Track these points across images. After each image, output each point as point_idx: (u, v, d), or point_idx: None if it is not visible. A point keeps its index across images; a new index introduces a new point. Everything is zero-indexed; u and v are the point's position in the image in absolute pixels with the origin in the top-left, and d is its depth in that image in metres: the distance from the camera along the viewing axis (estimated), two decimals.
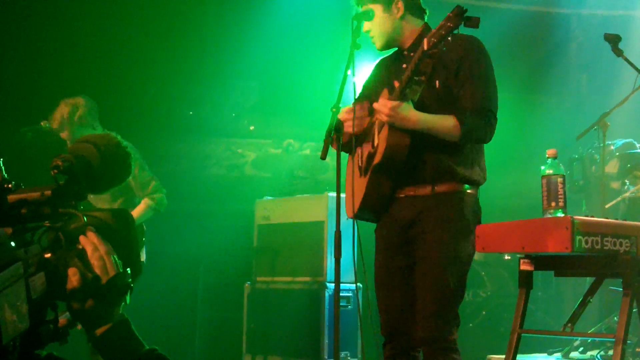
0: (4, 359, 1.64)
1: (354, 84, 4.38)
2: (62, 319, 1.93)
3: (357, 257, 4.27)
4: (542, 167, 3.92)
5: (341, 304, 5.68)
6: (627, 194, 7.14)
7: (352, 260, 4.27)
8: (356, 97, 4.52)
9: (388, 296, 4.37)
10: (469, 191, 4.28)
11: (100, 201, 6.28)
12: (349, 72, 4.32)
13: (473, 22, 3.82)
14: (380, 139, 4.25)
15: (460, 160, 4.26)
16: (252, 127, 10.25)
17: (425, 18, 4.53)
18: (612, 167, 7.52)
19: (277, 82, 9.81)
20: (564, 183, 3.85)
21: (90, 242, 1.92)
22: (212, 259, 8.90)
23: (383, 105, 4.09)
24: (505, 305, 8.32)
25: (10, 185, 1.89)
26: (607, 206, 7.08)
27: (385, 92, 4.29)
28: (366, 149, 4.44)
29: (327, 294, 6.95)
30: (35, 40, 8.40)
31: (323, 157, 4.29)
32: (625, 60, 5.08)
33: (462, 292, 4.27)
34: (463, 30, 3.93)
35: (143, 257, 6.30)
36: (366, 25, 4.43)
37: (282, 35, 9.24)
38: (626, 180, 7.31)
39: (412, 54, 4.29)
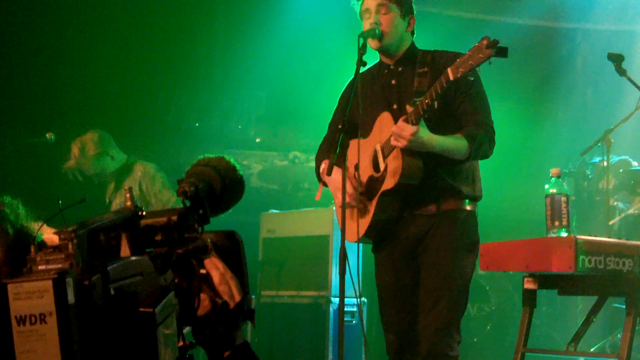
0: None
1: (360, 98, 4.38)
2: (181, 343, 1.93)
3: (357, 272, 4.28)
4: (546, 186, 3.95)
5: (346, 318, 5.70)
6: (632, 211, 7.16)
7: (356, 274, 4.28)
8: (342, 118, 4.49)
9: (394, 315, 4.41)
10: (469, 208, 4.35)
11: None
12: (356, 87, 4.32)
13: (503, 52, 3.82)
14: (390, 164, 4.25)
15: (463, 177, 4.32)
16: (258, 139, 10.27)
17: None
18: (606, 183, 7.56)
19: (283, 94, 9.83)
20: (567, 202, 3.88)
21: (215, 267, 1.92)
22: None
23: (402, 129, 4.08)
24: (510, 320, 8.32)
25: (143, 213, 1.90)
26: (610, 223, 7.11)
27: (386, 115, 4.31)
28: (364, 173, 4.44)
29: (331, 309, 6.95)
30: (44, 52, 8.43)
31: (328, 174, 4.32)
32: (629, 80, 5.09)
33: (465, 307, 4.35)
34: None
35: None
36: (382, 17, 4.40)
37: (289, 47, 9.28)
38: (615, 197, 7.35)
39: (400, 68, 4.35)
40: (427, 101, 4.05)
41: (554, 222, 3.86)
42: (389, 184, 4.26)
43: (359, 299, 4.55)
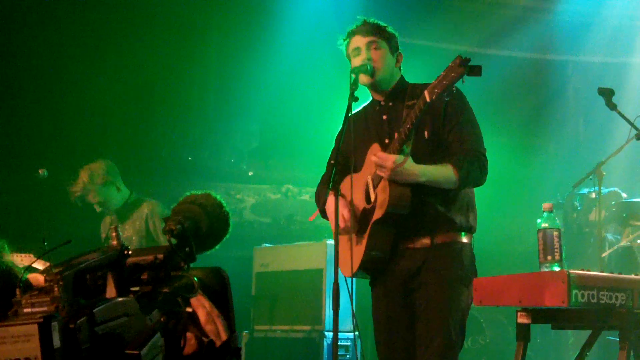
0: None
1: (352, 134, 4.39)
2: None
3: (352, 306, 4.26)
4: (538, 220, 3.94)
5: (340, 353, 5.67)
6: (623, 243, 7.17)
7: (350, 308, 4.27)
8: (335, 154, 4.54)
9: (390, 350, 4.38)
10: (465, 240, 4.33)
11: None
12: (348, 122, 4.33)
13: (476, 71, 3.80)
14: (379, 194, 4.24)
15: (457, 207, 4.30)
16: (250, 173, 10.28)
17: None
18: (596, 215, 7.57)
19: (275, 127, 9.85)
20: (559, 237, 3.86)
21: (201, 305, 1.91)
22: None
23: (385, 159, 4.09)
24: (504, 352, 8.28)
25: (129, 252, 1.89)
26: (603, 255, 7.11)
27: (375, 146, 4.31)
28: (359, 206, 4.43)
29: (325, 343, 6.92)
30: (41, 90, 8.45)
31: (323, 209, 4.33)
32: (619, 114, 5.11)
33: (463, 342, 4.31)
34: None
35: None
36: (373, 54, 4.43)
37: (281, 81, 9.30)
38: (605, 228, 7.36)
39: (390, 103, 4.36)
40: (408, 126, 4.05)
41: (547, 256, 3.84)
42: (378, 214, 4.24)
43: (354, 333, 4.53)
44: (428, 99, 3.93)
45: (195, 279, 1.95)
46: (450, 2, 10.41)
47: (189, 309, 1.91)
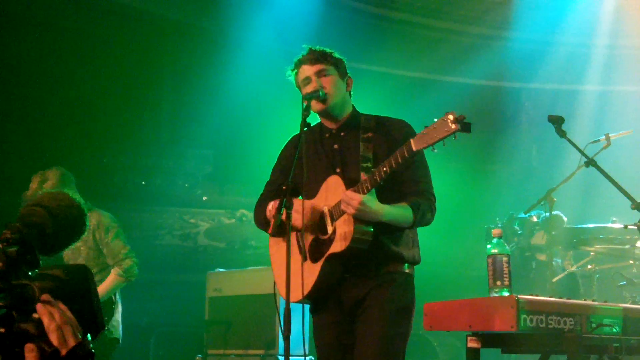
0: None
1: (304, 161, 4.39)
2: None
3: (302, 331, 4.26)
4: (488, 246, 3.98)
5: None
6: (574, 269, 7.24)
7: (303, 332, 4.26)
8: (280, 176, 4.57)
9: None
10: (407, 271, 4.37)
11: None
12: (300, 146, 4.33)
13: (467, 128, 3.80)
14: (340, 228, 4.25)
15: (404, 243, 4.35)
16: (205, 197, 10.26)
17: None
18: (539, 239, 7.63)
19: (229, 153, 9.85)
20: (509, 262, 3.91)
21: (46, 312, 1.82)
22: (164, 331, 8.82)
23: (351, 198, 4.10)
24: None
25: None
26: (554, 280, 7.17)
27: (335, 179, 4.32)
28: (310, 233, 4.43)
29: None
30: None
31: (273, 234, 4.33)
32: (569, 142, 5.18)
33: None
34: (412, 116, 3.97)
35: (119, 332, 6.36)
36: (324, 80, 4.44)
37: (236, 106, 9.30)
38: (548, 252, 7.42)
39: (342, 133, 4.39)
40: (385, 169, 4.06)
41: (496, 282, 3.89)
42: (337, 247, 4.24)
43: (305, 358, 4.52)
44: (415, 149, 3.93)
45: (37, 285, 1.89)
46: (405, 29, 10.50)
47: (35, 315, 1.85)
